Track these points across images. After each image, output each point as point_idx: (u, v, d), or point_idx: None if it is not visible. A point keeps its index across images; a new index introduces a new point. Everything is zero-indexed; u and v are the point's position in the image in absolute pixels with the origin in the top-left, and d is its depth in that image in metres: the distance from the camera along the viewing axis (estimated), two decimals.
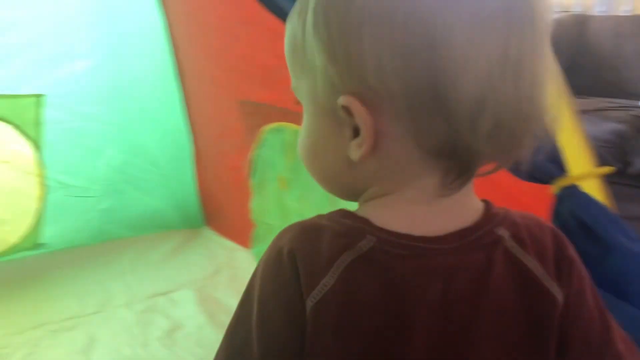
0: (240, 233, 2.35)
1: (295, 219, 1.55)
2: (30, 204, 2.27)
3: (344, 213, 0.53)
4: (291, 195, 1.69)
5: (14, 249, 2.23)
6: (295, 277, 0.50)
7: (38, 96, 2.08)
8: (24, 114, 2.07)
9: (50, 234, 2.31)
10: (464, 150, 0.47)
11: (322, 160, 0.56)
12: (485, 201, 0.55)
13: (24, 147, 2.27)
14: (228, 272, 2.17)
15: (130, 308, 1.91)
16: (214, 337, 1.74)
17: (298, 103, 0.58)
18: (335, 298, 0.49)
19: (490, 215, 0.53)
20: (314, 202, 1.58)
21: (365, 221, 0.51)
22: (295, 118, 1.54)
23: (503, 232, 0.52)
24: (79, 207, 2.33)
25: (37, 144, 2.15)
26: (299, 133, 0.58)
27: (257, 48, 1.61)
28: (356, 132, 0.49)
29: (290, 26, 0.54)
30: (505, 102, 0.46)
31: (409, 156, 0.49)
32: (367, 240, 0.50)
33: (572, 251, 0.56)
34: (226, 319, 1.70)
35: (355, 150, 0.49)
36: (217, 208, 2.54)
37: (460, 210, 0.53)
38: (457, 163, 0.49)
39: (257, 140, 1.80)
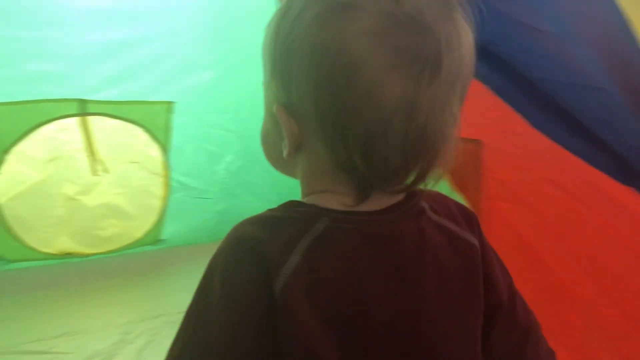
0: None
1: None
2: (155, 202, 2.44)
3: (294, 203, 0.61)
4: None
5: (138, 242, 2.42)
6: (259, 262, 0.54)
7: (168, 103, 2.24)
8: (155, 119, 2.24)
9: (170, 231, 2.48)
10: (362, 172, 0.54)
11: (269, 149, 0.67)
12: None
13: (153, 150, 2.46)
14: None
15: None
16: None
17: None
18: (301, 277, 0.53)
19: (412, 193, 0.62)
20: None
21: (316, 206, 0.58)
22: None
23: (424, 204, 0.63)
24: (197, 208, 2.48)
25: (164, 147, 2.32)
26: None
27: None
28: None
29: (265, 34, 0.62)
30: (394, 137, 0.52)
31: (325, 166, 0.57)
32: (322, 222, 0.56)
33: (473, 212, 0.69)
34: None
35: (284, 149, 0.60)
36: None
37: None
38: (361, 181, 0.56)
39: None
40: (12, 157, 2.22)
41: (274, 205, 0.63)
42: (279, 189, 2.54)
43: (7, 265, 2.23)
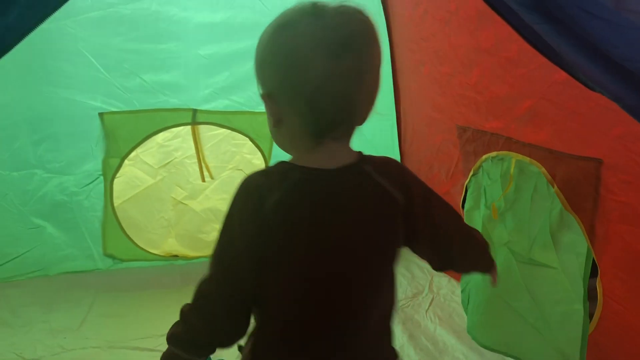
0: None
1: (502, 249, 1.47)
2: None
3: (281, 162, 0.88)
4: (502, 225, 1.62)
5: None
6: (259, 198, 0.83)
7: None
8: (260, 129, 2.32)
9: None
10: (312, 123, 0.83)
11: (273, 137, 0.91)
12: (359, 152, 0.91)
13: (256, 157, 2.54)
14: (429, 296, 2.16)
15: None
16: (415, 359, 1.75)
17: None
18: (281, 206, 0.83)
19: (361, 158, 0.91)
20: (529, 234, 1.50)
21: (294, 165, 0.87)
22: (521, 148, 1.50)
23: (367, 167, 0.90)
24: None
25: (267, 156, 2.38)
26: None
27: (491, 76, 1.60)
28: None
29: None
30: (326, 97, 0.81)
31: (295, 131, 0.86)
32: (296, 173, 0.85)
33: (410, 175, 0.99)
34: (426, 341, 1.69)
35: (269, 125, 0.89)
36: None
37: (344, 155, 0.89)
38: (315, 133, 0.84)
39: (474, 167, 1.78)
40: (129, 162, 2.38)
41: None
42: None
43: (119, 264, 2.39)
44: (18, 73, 2.09)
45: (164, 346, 1.82)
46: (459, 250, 1.06)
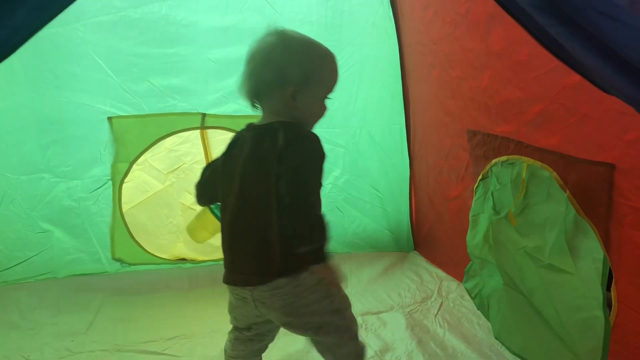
0: (449, 262, 2.32)
1: (519, 253, 1.45)
2: None
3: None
4: (515, 230, 1.61)
5: None
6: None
7: None
8: None
9: None
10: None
11: None
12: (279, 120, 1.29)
13: None
14: (438, 300, 2.14)
15: None
16: None
17: None
18: (228, 144, 1.40)
19: (277, 121, 1.28)
20: (545, 240, 1.48)
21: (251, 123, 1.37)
22: (532, 152, 1.48)
23: (278, 125, 1.26)
24: None
25: None
26: None
27: (501, 80, 1.59)
28: None
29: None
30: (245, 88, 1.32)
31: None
32: (245, 127, 1.39)
33: (297, 148, 1.25)
34: (435, 347, 1.67)
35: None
36: (428, 234, 2.53)
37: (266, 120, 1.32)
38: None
39: (483, 171, 1.76)
40: (137, 167, 2.38)
41: (381, 223, 2.16)
42: (385, 205, 2.54)
43: (127, 268, 2.39)
44: (27, 76, 2.11)
45: (171, 349, 1.84)
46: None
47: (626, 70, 0.84)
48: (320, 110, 1.37)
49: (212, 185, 1.39)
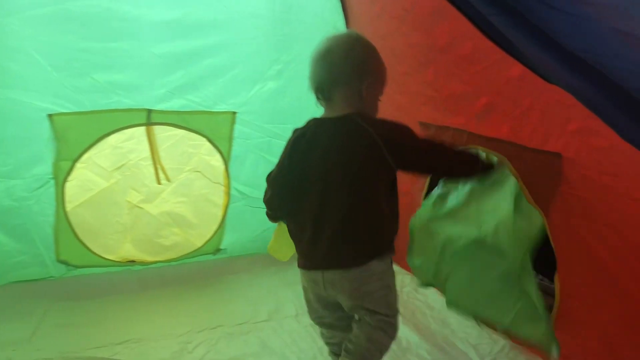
0: (402, 257, 2.32)
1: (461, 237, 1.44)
2: (216, 211, 2.46)
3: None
4: (464, 215, 1.63)
5: (198, 252, 2.44)
6: (290, 138, 1.45)
7: (232, 113, 2.26)
8: (218, 129, 2.26)
9: (229, 240, 2.48)
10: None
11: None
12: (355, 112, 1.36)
13: (215, 159, 2.48)
14: None
15: (298, 321, 1.97)
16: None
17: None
18: (296, 139, 1.43)
19: (352, 113, 1.34)
20: (493, 222, 1.50)
21: (314, 118, 1.45)
22: (485, 142, 1.49)
23: (355, 116, 1.34)
24: (256, 218, 2.47)
25: (226, 157, 2.33)
26: None
27: (446, 74, 1.60)
28: None
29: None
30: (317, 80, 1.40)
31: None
32: (310, 122, 1.44)
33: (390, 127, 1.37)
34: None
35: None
36: None
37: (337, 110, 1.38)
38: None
39: None
40: (81, 165, 2.29)
41: None
42: None
43: (73, 271, 2.30)
44: None
45: (120, 355, 1.77)
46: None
47: (566, 58, 0.85)
48: (378, 106, 1.45)
49: (286, 196, 1.44)
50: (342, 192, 1.32)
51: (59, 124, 2.07)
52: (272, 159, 2.38)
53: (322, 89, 1.38)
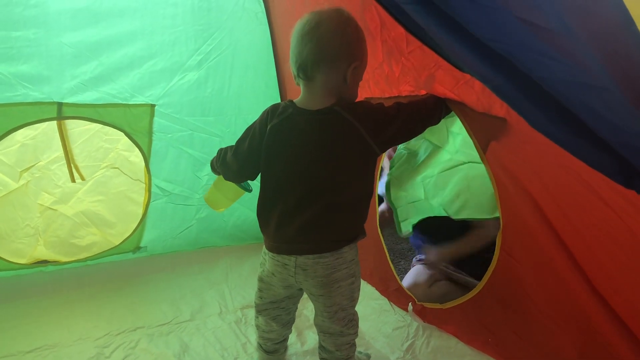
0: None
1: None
2: (136, 209, 2.36)
3: (288, 100, 1.37)
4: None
5: (117, 250, 2.33)
6: (267, 118, 1.35)
7: (150, 106, 2.16)
8: (136, 123, 2.16)
9: (150, 238, 2.39)
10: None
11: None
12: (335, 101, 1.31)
13: (134, 155, 2.38)
14: None
15: (222, 318, 1.93)
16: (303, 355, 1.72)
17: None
18: (276, 127, 1.33)
19: (334, 105, 1.30)
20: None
21: (292, 103, 1.35)
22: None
23: (337, 108, 1.29)
24: (178, 215, 2.40)
25: (146, 152, 2.23)
26: None
27: (384, 55, 1.59)
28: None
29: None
30: (301, 57, 1.29)
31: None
32: (289, 108, 1.33)
33: (366, 108, 1.33)
34: (314, 335, 1.61)
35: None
36: None
37: (317, 102, 1.31)
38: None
39: None
40: None
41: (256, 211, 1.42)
42: None
43: None
44: None
45: None
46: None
47: (476, 47, 0.86)
48: (357, 92, 1.39)
49: (252, 165, 1.40)
50: (325, 177, 1.29)
51: None
52: (194, 153, 2.33)
53: (305, 67, 1.28)
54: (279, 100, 2.41)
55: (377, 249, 2.03)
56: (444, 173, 2.08)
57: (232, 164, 1.44)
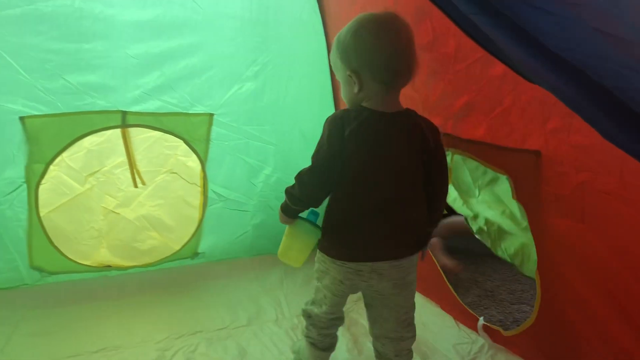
0: None
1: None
2: (193, 212, 2.42)
3: (360, 106, 1.34)
4: None
5: (176, 255, 2.39)
6: (341, 124, 1.30)
7: (209, 115, 2.22)
8: (195, 131, 2.22)
9: (207, 244, 2.45)
10: (386, 83, 1.31)
11: (345, 98, 1.39)
12: (407, 108, 1.37)
13: (191, 160, 2.44)
14: None
15: (279, 325, 1.95)
16: None
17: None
18: (355, 130, 1.29)
19: (408, 109, 1.36)
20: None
21: (366, 107, 1.33)
22: (459, 143, 1.49)
23: (412, 112, 1.37)
24: (234, 221, 2.45)
25: (203, 158, 2.29)
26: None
27: (428, 73, 1.59)
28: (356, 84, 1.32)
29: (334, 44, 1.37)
30: (397, 67, 1.30)
31: (374, 88, 1.31)
32: (367, 113, 1.31)
33: (439, 135, 1.39)
34: (370, 344, 1.60)
35: (355, 90, 1.33)
36: None
37: (396, 105, 1.35)
38: (385, 88, 1.32)
39: None
40: (55, 169, 2.23)
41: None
42: None
43: (47, 278, 2.24)
44: None
45: None
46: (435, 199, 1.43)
47: (548, 58, 0.84)
48: None
49: (333, 173, 1.33)
50: (406, 185, 1.33)
51: (31, 126, 2.01)
52: (250, 161, 2.37)
53: (403, 76, 1.32)
54: (333, 110, 2.43)
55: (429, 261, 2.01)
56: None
57: (313, 179, 1.36)
